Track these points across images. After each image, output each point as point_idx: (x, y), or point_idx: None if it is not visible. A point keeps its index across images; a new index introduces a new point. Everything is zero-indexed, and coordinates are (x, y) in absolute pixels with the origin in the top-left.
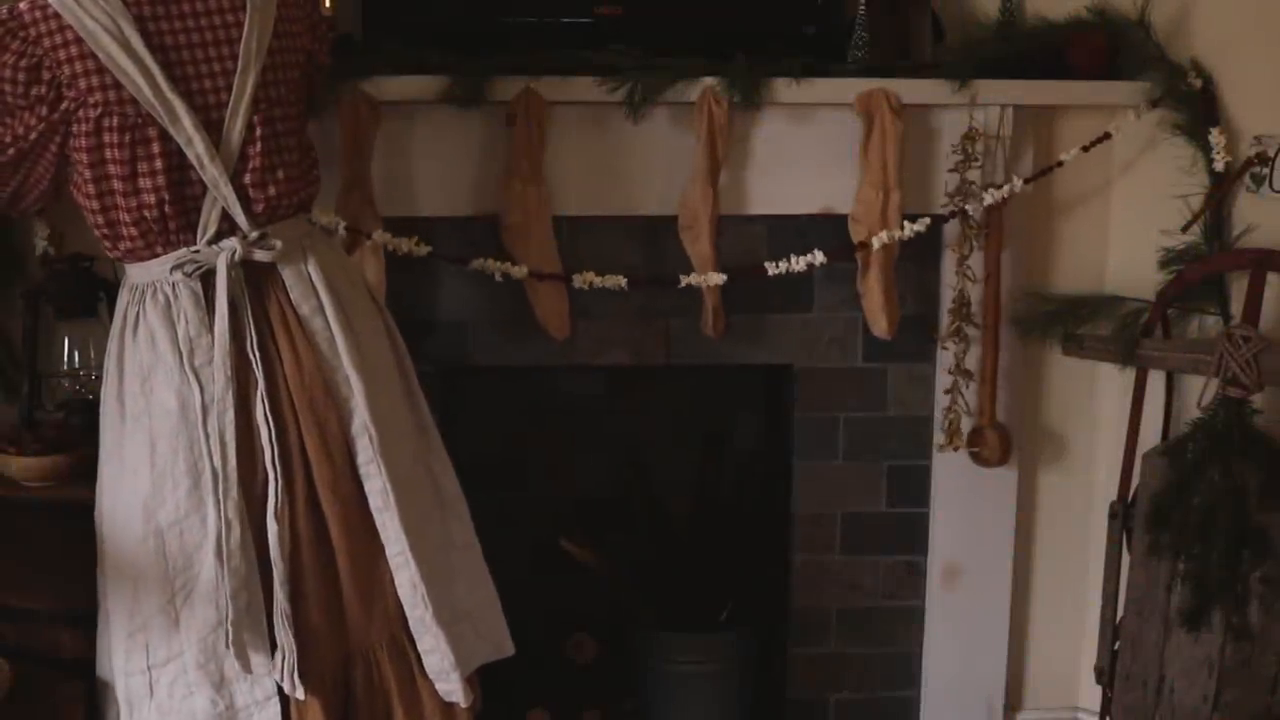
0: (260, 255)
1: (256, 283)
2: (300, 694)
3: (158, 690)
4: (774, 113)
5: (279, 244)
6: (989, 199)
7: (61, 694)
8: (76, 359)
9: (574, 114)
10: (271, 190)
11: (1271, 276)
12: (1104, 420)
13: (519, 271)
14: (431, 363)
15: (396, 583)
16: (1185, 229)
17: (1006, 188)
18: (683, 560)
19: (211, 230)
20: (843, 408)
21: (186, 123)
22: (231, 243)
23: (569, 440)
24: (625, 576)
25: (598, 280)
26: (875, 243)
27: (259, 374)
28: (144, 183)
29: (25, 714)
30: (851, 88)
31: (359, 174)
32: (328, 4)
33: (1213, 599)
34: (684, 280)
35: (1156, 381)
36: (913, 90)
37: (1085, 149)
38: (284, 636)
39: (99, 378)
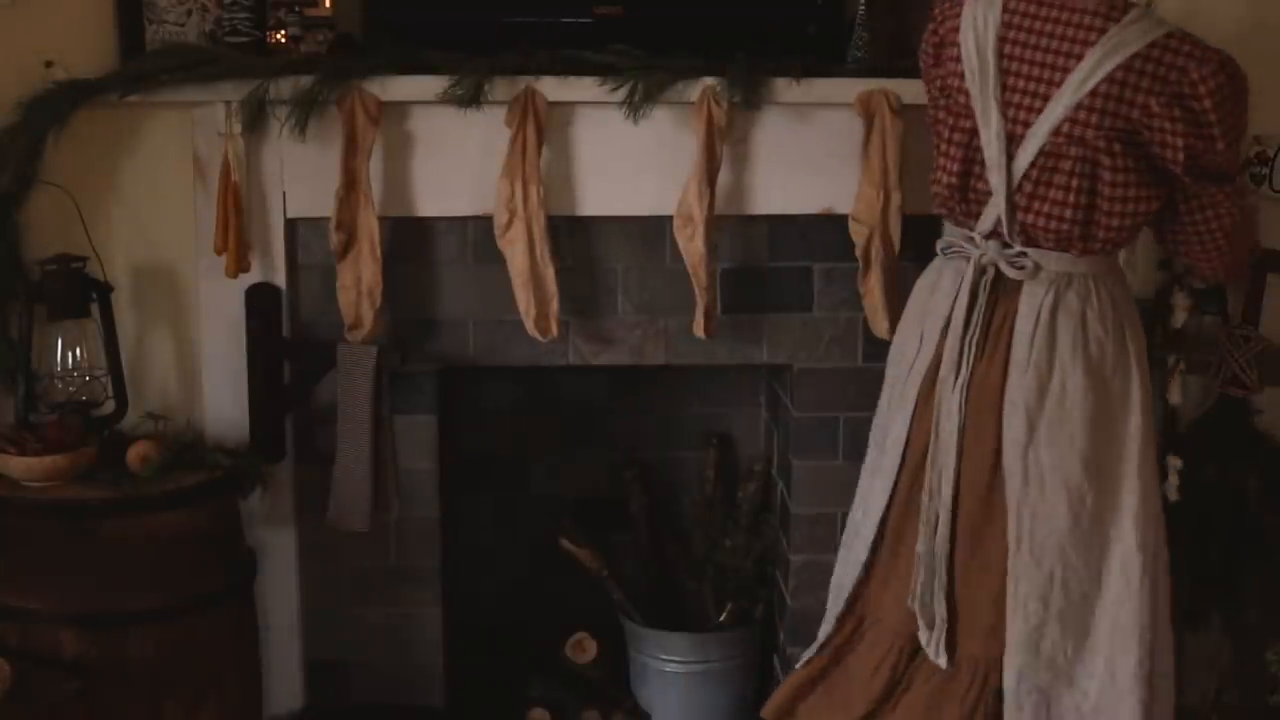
0: (1009, 270)
1: (1003, 288)
2: (944, 663)
3: None
4: (774, 113)
5: (1030, 265)
6: None
7: (61, 694)
8: (70, 360)
9: (574, 114)
10: (1029, 218)
11: (1271, 276)
12: None
13: None
14: (432, 362)
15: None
16: None
17: None
18: (682, 561)
19: (986, 226)
20: (843, 408)
21: (992, 130)
22: (990, 245)
23: (569, 440)
24: (625, 576)
25: None
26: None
27: (966, 365)
28: (944, 161)
29: (25, 714)
30: (851, 88)
31: (357, 173)
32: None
33: (1213, 599)
34: None
35: (1156, 382)
36: (913, 90)
37: None
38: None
39: (91, 379)
